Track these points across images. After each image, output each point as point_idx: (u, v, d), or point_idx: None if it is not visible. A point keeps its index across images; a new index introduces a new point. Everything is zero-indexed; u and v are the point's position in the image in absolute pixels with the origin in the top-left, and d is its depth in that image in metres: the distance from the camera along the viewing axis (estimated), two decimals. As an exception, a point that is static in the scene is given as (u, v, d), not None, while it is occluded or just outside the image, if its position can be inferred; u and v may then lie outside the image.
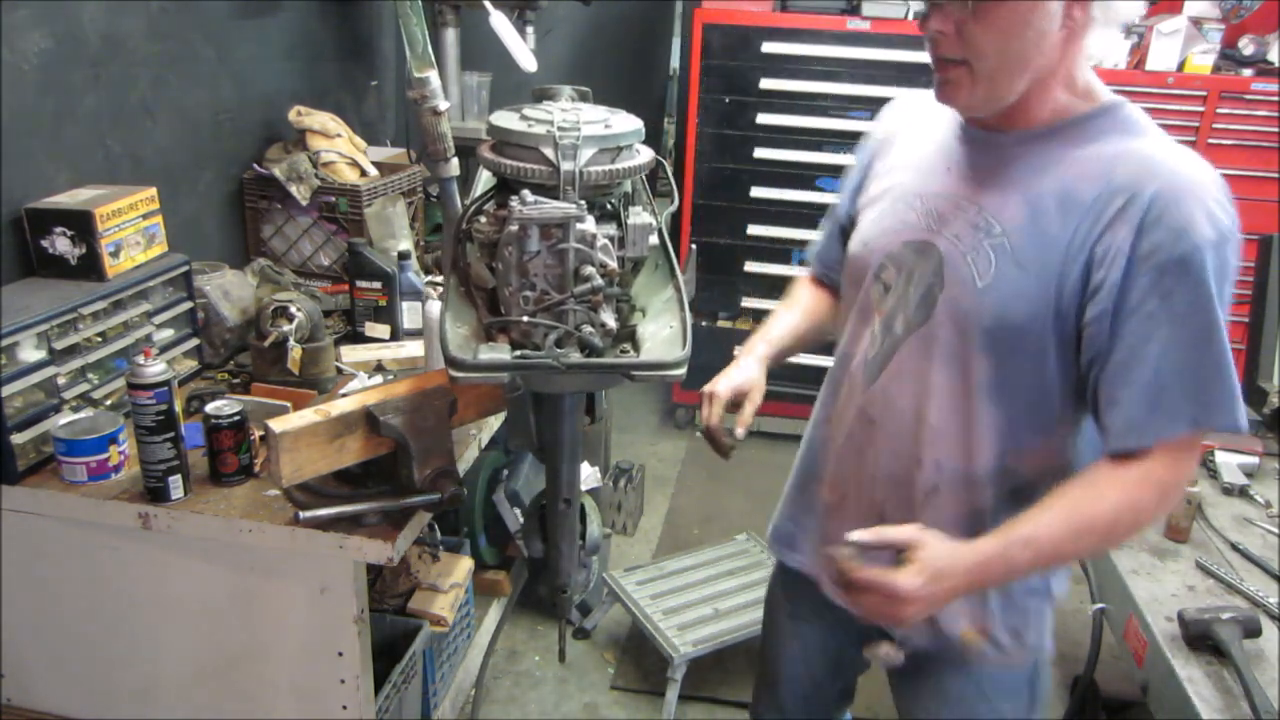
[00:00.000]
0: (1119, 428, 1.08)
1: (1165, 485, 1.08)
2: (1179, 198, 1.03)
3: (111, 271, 1.73)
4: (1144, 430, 1.06)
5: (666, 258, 1.44)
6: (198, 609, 1.58)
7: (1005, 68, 1.08)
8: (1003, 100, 1.11)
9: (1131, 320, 1.05)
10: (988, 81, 1.09)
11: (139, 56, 2.00)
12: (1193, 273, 1.02)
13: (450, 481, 1.39)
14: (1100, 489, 1.09)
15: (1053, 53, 1.07)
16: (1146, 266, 1.03)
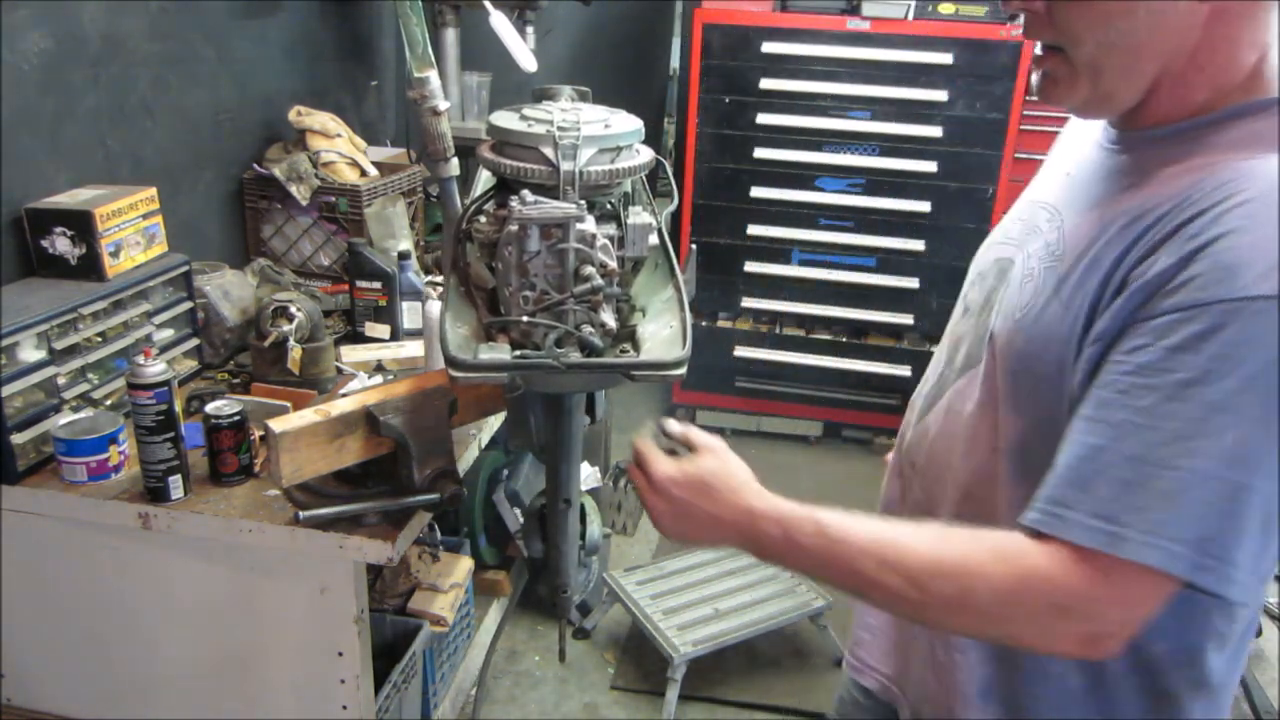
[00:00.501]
0: (1037, 495, 0.82)
1: (1051, 600, 0.78)
2: (1254, 225, 0.73)
3: (111, 271, 1.73)
4: (1048, 515, 0.79)
5: (666, 258, 1.44)
6: (198, 609, 1.58)
7: (1111, 58, 0.83)
8: (1116, 99, 0.87)
9: (1118, 367, 0.78)
10: (1091, 75, 0.85)
11: (139, 56, 2.00)
12: (1224, 333, 0.71)
13: (450, 481, 1.39)
14: (963, 538, 0.84)
15: (1184, 36, 0.81)
16: (1169, 303, 0.75)
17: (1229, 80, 0.84)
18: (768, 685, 2.54)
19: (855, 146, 3.36)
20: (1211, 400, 0.72)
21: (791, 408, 3.74)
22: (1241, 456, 0.72)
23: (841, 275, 3.50)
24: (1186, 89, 0.85)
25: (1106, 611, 0.77)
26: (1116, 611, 0.77)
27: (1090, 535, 0.76)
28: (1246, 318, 0.71)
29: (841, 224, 3.47)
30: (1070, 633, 0.79)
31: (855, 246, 3.47)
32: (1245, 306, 0.71)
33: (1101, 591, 0.76)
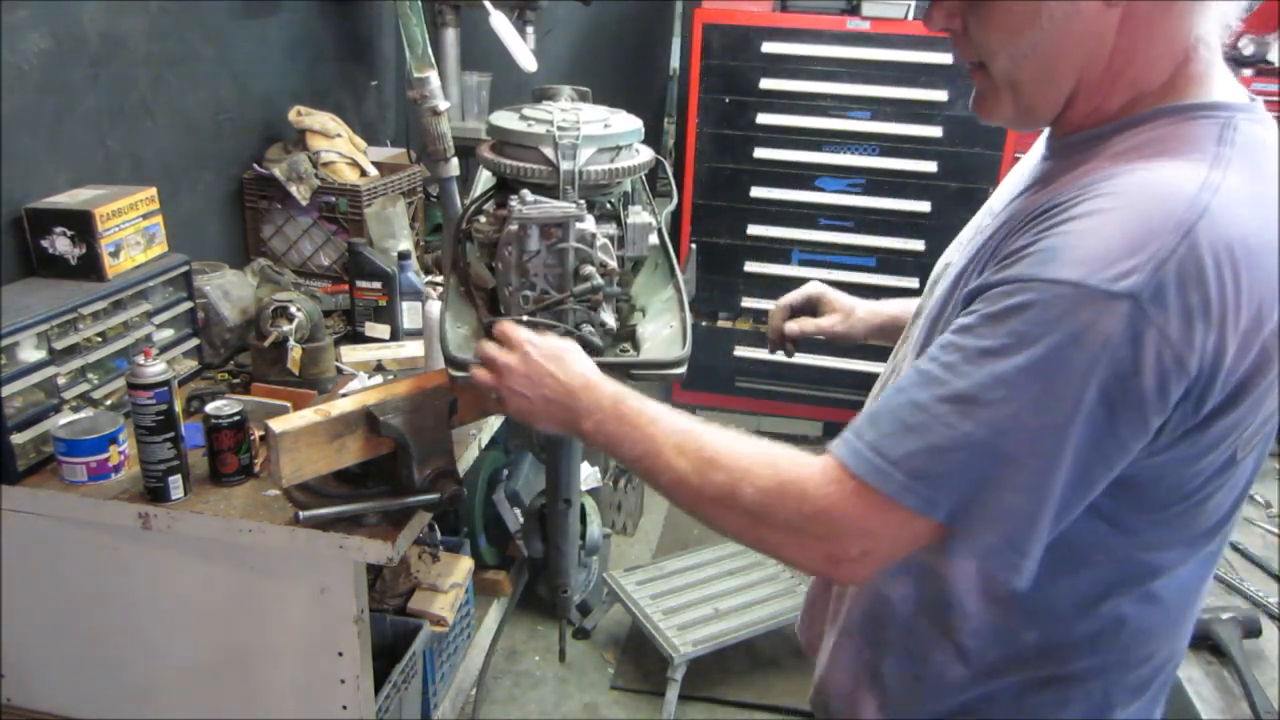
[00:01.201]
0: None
1: (802, 509, 0.80)
2: (1092, 220, 0.72)
3: (111, 271, 1.73)
4: (841, 440, 0.82)
5: (666, 257, 1.45)
6: (198, 609, 1.58)
7: (1025, 70, 0.82)
8: (1037, 110, 0.85)
9: (950, 327, 0.80)
10: (1010, 88, 0.84)
11: (139, 56, 2.00)
12: (1029, 311, 0.71)
13: (450, 481, 1.39)
14: (757, 444, 0.88)
15: (1096, 41, 0.79)
16: (1001, 275, 0.76)
17: (1148, 84, 0.81)
18: (768, 685, 2.54)
19: (855, 146, 3.36)
20: (998, 372, 0.72)
21: (791, 408, 3.74)
22: (1008, 431, 0.72)
23: (841, 275, 3.50)
24: (1105, 95, 0.83)
25: (850, 535, 0.79)
26: (859, 539, 0.79)
27: (859, 462, 0.78)
28: (1050, 301, 0.70)
29: (841, 224, 3.47)
30: (816, 548, 0.82)
31: (855, 246, 3.47)
32: (1052, 289, 0.70)
33: (851, 515, 0.79)
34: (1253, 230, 0.72)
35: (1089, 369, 0.69)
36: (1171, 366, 0.70)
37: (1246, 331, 0.71)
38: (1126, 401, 0.71)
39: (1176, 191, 0.72)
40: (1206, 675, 1.43)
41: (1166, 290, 0.68)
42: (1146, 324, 0.68)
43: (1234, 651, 1.42)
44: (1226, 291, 0.70)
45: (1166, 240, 0.69)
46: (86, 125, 1.88)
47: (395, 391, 1.37)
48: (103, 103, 1.91)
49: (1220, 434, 0.77)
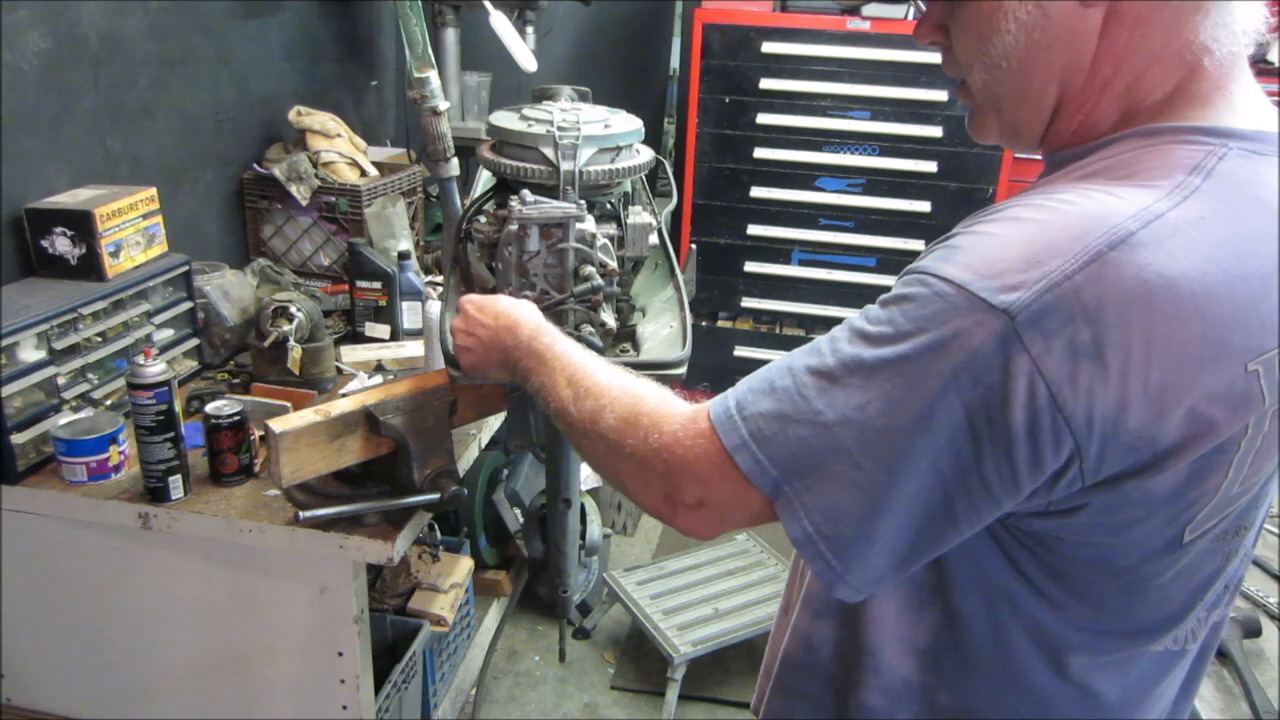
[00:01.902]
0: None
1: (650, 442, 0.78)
2: (1001, 229, 0.66)
3: (111, 271, 1.73)
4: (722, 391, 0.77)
5: (666, 257, 1.45)
6: (198, 609, 1.58)
7: (1001, 82, 0.75)
8: (1022, 127, 0.77)
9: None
10: (992, 104, 0.78)
11: (139, 56, 2.00)
12: (908, 304, 0.66)
13: (450, 481, 1.39)
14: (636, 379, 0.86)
15: (1073, 47, 0.71)
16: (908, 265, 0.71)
17: (1144, 97, 0.71)
18: (768, 685, 2.54)
19: (855, 146, 3.36)
20: (863, 358, 0.67)
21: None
22: (852, 421, 0.66)
23: (841, 275, 3.50)
24: (1092, 109, 0.73)
25: (687, 477, 0.75)
26: (695, 483, 0.75)
27: (718, 409, 0.74)
28: (929, 298, 0.64)
29: (841, 224, 3.47)
30: (656, 484, 0.78)
31: (855, 246, 3.47)
32: (936, 285, 0.64)
33: (692, 457, 0.74)
34: (1189, 272, 0.60)
35: (949, 381, 0.62)
36: (1045, 405, 0.60)
37: (1160, 389, 0.60)
38: (993, 433, 0.62)
39: (1104, 215, 0.62)
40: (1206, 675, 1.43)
41: (1049, 317, 0.59)
42: (1019, 349, 0.60)
43: (1234, 651, 1.42)
44: (1131, 337, 0.59)
45: (1066, 263, 0.60)
46: (86, 125, 1.88)
47: (395, 391, 1.37)
48: (103, 103, 1.91)
49: (1143, 504, 0.66)
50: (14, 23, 1.68)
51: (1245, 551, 0.81)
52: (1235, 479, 0.68)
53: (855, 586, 0.70)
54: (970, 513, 0.67)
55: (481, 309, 1.11)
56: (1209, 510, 0.69)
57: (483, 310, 1.11)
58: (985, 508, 0.67)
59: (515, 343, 1.03)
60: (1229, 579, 0.82)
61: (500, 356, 1.07)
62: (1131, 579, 0.73)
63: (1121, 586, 0.73)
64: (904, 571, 0.71)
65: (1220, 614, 0.85)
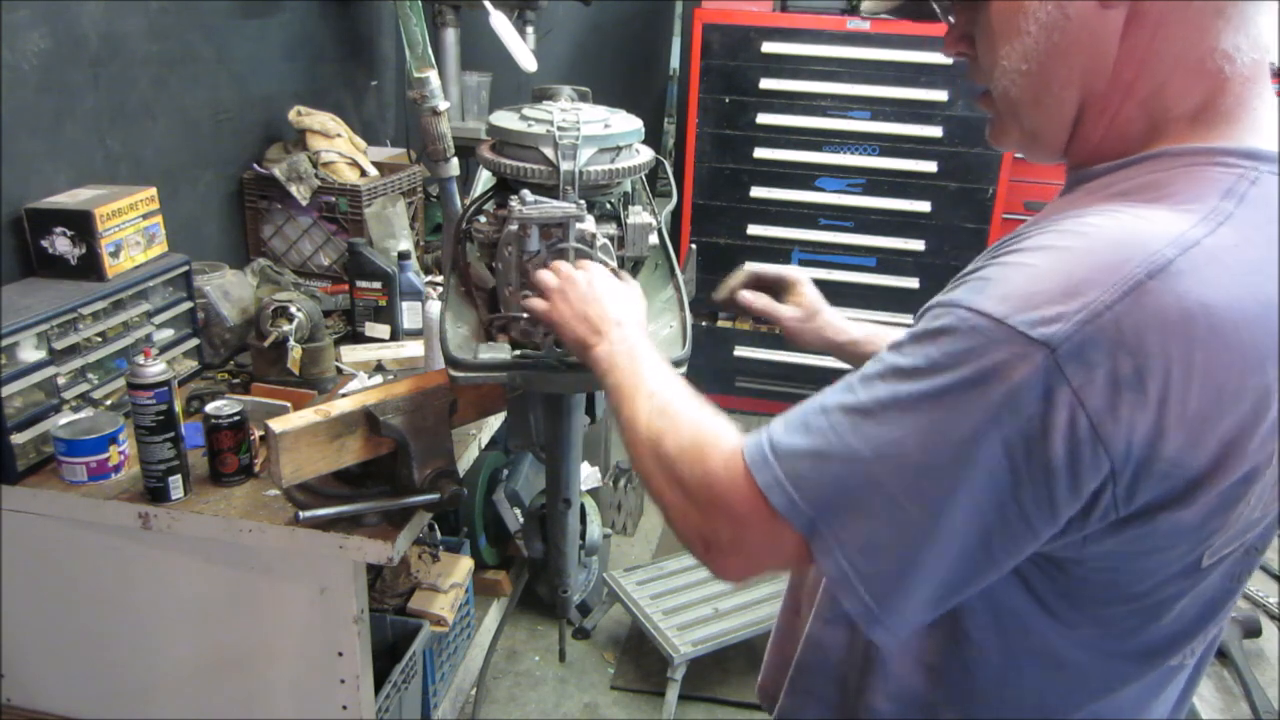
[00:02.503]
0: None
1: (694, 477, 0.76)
2: (1032, 259, 0.65)
3: (111, 271, 1.73)
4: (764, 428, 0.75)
5: (666, 258, 1.45)
6: (198, 609, 1.58)
7: (1020, 88, 0.73)
8: (1043, 136, 0.76)
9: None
10: (1011, 112, 0.76)
11: (139, 56, 2.00)
12: (944, 339, 0.64)
13: (450, 481, 1.39)
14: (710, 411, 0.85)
15: (1093, 50, 0.69)
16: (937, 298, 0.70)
17: (1171, 108, 0.69)
18: (768, 685, 2.54)
19: (855, 146, 3.36)
20: (899, 393, 0.65)
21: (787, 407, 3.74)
22: (890, 457, 0.65)
23: (841, 275, 3.50)
24: (1115, 117, 0.71)
25: (723, 517, 0.73)
26: (730, 524, 0.73)
27: (753, 446, 0.73)
28: (967, 331, 0.62)
29: (841, 224, 3.47)
30: (694, 519, 0.76)
31: (855, 246, 3.47)
32: (972, 319, 0.62)
33: (730, 496, 0.73)
34: (1227, 300, 0.60)
35: (989, 415, 0.61)
36: (1086, 437, 0.60)
37: (1198, 418, 0.60)
38: (1031, 466, 0.61)
39: (1140, 242, 0.61)
40: (1206, 675, 1.43)
41: (1092, 349, 0.59)
42: (1061, 381, 0.59)
43: (1234, 651, 1.42)
44: (1172, 366, 0.59)
45: (1106, 293, 0.59)
46: (86, 125, 1.88)
47: (395, 391, 1.37)
48: (103, 103, 1.91)
49: (1172, 533, 0.66)
50: (14, 23, 1.68)
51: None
52: (1256, 505, 0.68)
53: (891, 629, 0.69)
54: (1008, 547, 0.66)
55: (610, 287, 1.08)
56: (1229, 536, 0.69)
57: (611, 288, 1.08)
58: (1024, 542, 0.66)
59: (616, 335, 1.00)
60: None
61: (586, 334, 1.03)
62: (1146, 603, 0.72)
63: (1135, 610, 0.73)
64: (939, 610, 0.70)
65: (1222, 624, 0.86)
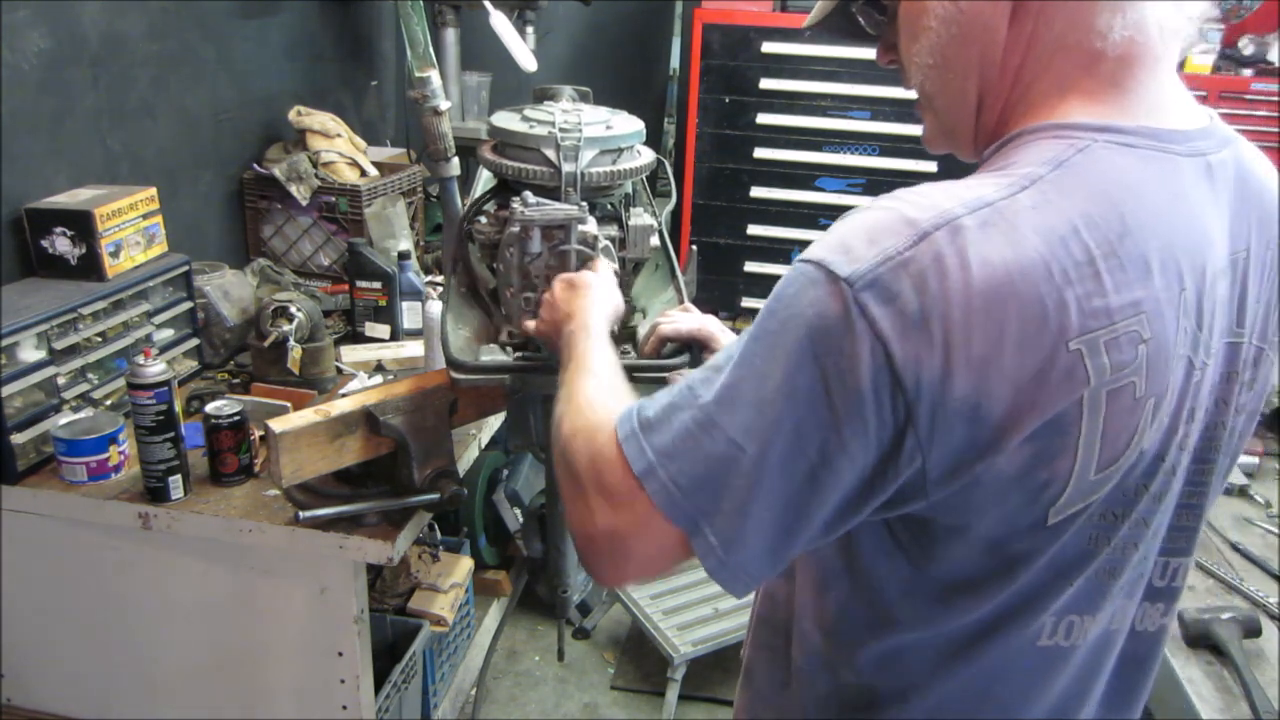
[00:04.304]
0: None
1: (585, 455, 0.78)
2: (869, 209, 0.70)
3: (111, 271, 1.73)
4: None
5: (667, 259, 1.45)
6: (198, 609, 1.58)
7: (932, 80, 0.78)
8: (955, 130, 0.80)
9: None
10: (930, 109, 0.81)
11: (139, 56, 2.00)
12: (780, 287, 0.71)
13: (450, 481, 1.39)
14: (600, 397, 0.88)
15: (984, 40, 0.74)
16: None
17: (1043, 95, 0.74)
18: (767, 685, 2.54)
19: (855, 146, 3.36)
20: (742, 343, 0.71)
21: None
22: (727, 399, 0.70)
23: (841, 275, 3.50)
24: (1005, 106, 0.76)
25: (598, 493, 0.75)
26: (604, 505, 0.75)
27: (623, 424, 0.75)
28: (792, 278, 0.69)
29: (841, 224, 3.46)
30: (580, 503, 0.77)
31: (855, 246, 3.47)
32: (799, 268, 0.69)
33: (603, 469, 0.75)
34: (1006, 254, 0.64)
35: (805, 346, 0.67)
36: (883, 363, 0.65)
37: (982, 360, 0.64)
38: (845, 393, 0.66)
39: (940, 203, 0.67)
40: (1206, 675, 1.43)
41: (883, 285, 0.65)
42: (859, 313, 0.65)
43: (1234, 651, 1.42)
44: (951, 309, 0.64)
45: (899, 240, 0.65)
46: (86, 125, 1.88)
47: (395, 391, 1.37)
48: (103, 103, 1.91)
49: (997, 484, 0.69)
50: (14, 23, 1.68)
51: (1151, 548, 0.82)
52: (1088, 464, 0.70)
53: (748, 578, 0.74)
54: (834, 482, 0.69)
55: (572, 286, 1.13)
56: (1070, 494, 0.71)
57: (571, 288, 1.13)
58: (848, 478, 0.69)
59: (565, 332, 1.06)
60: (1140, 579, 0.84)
61: (552, 330, 1.11)
62: (1000, 557, 0.75)
63: (996, 565, 0.76)
64: (781, 559, 0.73)
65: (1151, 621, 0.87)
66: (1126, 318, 0.67)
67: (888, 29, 0.82)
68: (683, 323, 1.27)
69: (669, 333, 1.26)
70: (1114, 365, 0.67)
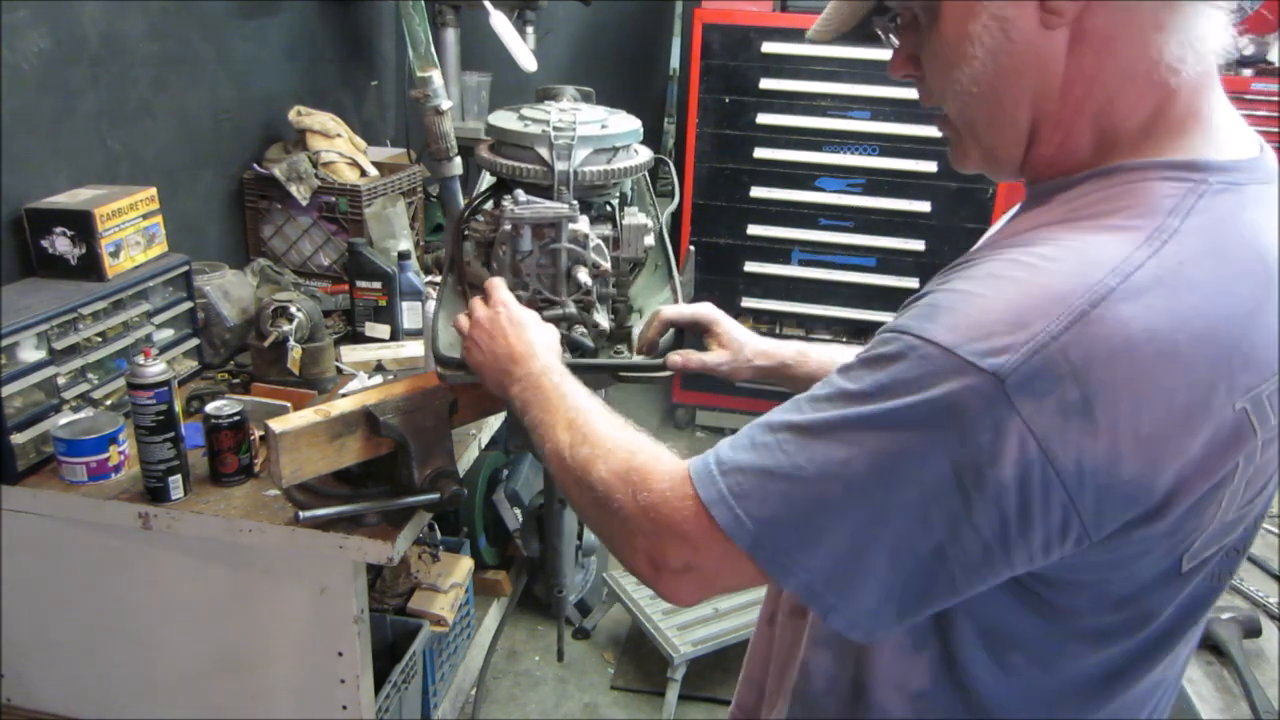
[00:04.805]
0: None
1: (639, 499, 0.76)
2: (991, 279, 0.66)
3: (111, 271, 1.73)
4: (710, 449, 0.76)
5: (665, 259, 1.45)
6: (198, 609, 1.58)
7: (974, 109, 0.75)
8: (1000, 156, 0.77)
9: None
10: (969, 132, 0.78)
11: (139, 56, 2.00)
12: (895, 365, 0.66)
13: (450, 481, 1.39)
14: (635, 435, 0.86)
15: (1041, 70, 0.70)
16: (890, 321, 0.71)
17: (1120, 121, 0.70)
18: (768, 685, 2.54)
19: (855, 146, 3.36)
20: (847, 415, 0.67)
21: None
22: (836, 476, 0.66)
23: (841, 275, 3.50)
24: (1067, 133, 0.72)
25: (672, 539, 0.74)
26: (680, 546, 0.73)
27: (699, 466, 0.74)
28: (917, 359, 0.64)
29: (841, 224, 3.47)
30: (641, 545, 0.76)
31: (855, 246, 3.47)
32: (922, 347, 0.64)
33: (677, 517, 0.73)
34: (1171, 322, 0.61)
35: (937, 442, 0.63)
36: (1036, 459, 0.61)
37: (1153, 439, 0.61)
38: (981, 487, 0.62)
39: (1084, 269, 0.63)
40: (1206, 675, 1.43)
41: (1038, 379, 0.60)
42: (1010, 411, 0.60)
43: (1234, 651, 1.42)
44: (1119, 393, 0.60)
45: (1052, 324, 0.61)
46: (86, 125, 1.88)
47: (395, 391, 1.37)
48: (103, 103, 1.91)
49: (1144, 540, 0.67)
50: (14, 23, 1.68)
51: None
52: (1229, 508, 0.69)
53: (852, 619, 0.69)
54: (964, 562, 0.66)
55: (511, 320, 1.09)
56: (1205, 539, 0.70)
57: (512, 322, 1.09)
58: (979, 560, 0.66)
59: (524, 373, 1.02)
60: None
61: (500, 377, 1.06)
62: (1133, 610, 0.73)
63: (1124, 618, 0.73)
64: (903, 618, 0.70)
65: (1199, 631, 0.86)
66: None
67: (909, 42, 0.78)
68: (684, 306, 1.27)
69: (671, 315, 1.26)
70: (1275, 415, 0.66)
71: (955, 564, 0.66)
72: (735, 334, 1.23)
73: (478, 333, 1.11)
